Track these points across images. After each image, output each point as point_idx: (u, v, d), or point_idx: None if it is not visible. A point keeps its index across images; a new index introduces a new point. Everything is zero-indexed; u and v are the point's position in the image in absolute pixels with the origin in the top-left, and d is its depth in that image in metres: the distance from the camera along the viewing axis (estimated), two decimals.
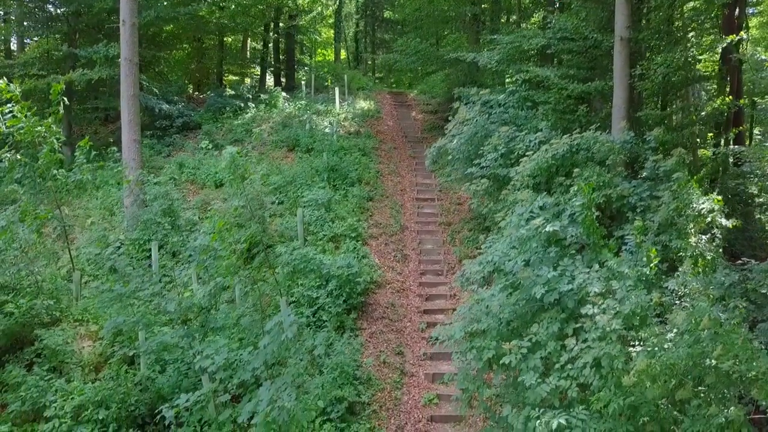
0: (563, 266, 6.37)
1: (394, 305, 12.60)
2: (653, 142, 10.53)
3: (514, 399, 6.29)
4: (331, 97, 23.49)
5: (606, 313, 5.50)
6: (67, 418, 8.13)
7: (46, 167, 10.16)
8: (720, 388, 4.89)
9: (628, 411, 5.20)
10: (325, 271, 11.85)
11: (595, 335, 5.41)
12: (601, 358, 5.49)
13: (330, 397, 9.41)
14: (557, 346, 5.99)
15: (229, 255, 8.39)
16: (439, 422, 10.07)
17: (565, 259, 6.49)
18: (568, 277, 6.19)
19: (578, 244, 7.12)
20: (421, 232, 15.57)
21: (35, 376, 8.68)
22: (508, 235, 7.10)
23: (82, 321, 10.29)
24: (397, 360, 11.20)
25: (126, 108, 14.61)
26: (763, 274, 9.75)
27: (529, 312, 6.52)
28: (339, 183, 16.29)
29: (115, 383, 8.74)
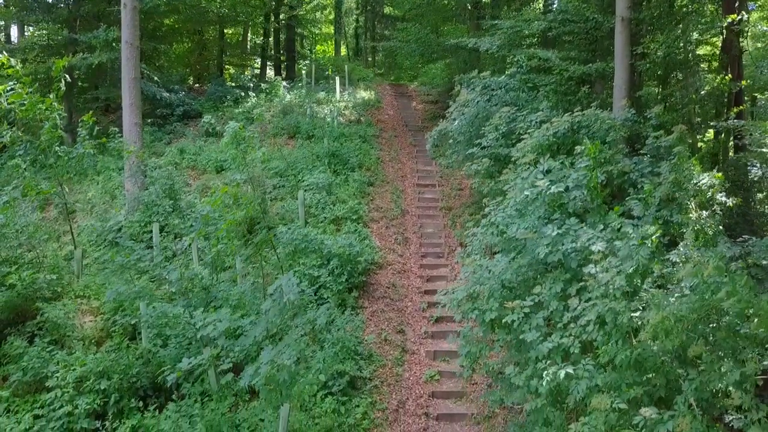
0: (567, 226, 6.38)
1: (396, 285, 12.62)
2: (654, 119, 10.53)
3: (516, 359, 6.29)
4: (332, 87, 23.50)
5: (609, 271, 5.51)
6: (69, 388, 8.14)
7: (48, 144, 10.16)
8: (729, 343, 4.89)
9: (634, 364, 5.20)
10: (326, 250, 11.86)
11: (599, 293, 5.42)
12: (605, 314, 5.49)
13: (331, 371, 9.42)
14: (560, 306, 6.01)
15: (230, 221, 8.38)
16: (440, 398, 10.08)
17: (569, 219, 6.49)
18: (572, 236, 6.20)
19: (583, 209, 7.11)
20: (422, 217, 15.59)
21: (37, 347, 8.69)
22: (512, 197, 7.10)
23: (83, 297, 10.29)
24: (399, 338, 11.21)
25: (127, 91, 14.62)
26: (764, 249, 9.79)
27: (532, 275, 6.52)
28: (340, 168, 16.30)
29: (116, 355, 8.74)
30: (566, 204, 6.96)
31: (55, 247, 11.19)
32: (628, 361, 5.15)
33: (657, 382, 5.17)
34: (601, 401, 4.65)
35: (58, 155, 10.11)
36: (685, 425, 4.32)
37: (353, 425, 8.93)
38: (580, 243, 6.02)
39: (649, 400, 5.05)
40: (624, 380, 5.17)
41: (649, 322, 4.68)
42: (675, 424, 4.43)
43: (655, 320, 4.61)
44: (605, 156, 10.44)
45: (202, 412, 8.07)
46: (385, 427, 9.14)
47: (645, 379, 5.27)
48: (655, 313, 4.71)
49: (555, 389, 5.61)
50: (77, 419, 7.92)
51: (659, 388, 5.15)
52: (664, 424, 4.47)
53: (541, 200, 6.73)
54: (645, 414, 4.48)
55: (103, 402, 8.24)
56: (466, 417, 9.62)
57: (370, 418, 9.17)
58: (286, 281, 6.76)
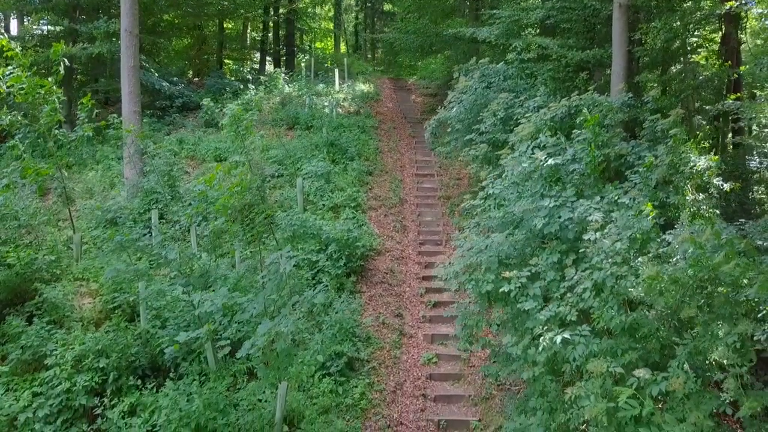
0: (564, 198, 6.40)
1: (394, 271, 12.65)
2: (651, 102, 10.56)
3: (513, 331, 6.31)
4: (331, 79, 23.53)
5: (608, 238, 5.54)
6: (68, 366, 8.16)
7: (47, 128, 10.18)
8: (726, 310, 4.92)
9: (629, 330, 5.23)
10: (324, 236, 11.90)
11: (598, 259, 5.44)
12: (602, 283, 5.52)
13: (329, 352, 9.46)
14: (557, 276, 6.03)
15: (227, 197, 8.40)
16: (438, 380, 10.12)
17: (566, 191, 6.52)
18: (569, 208, 6.23)
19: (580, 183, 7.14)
20: (420, 205, 15.62)
21: (36, 326, 8.71)
22: (510, 169, 7.13)
23: (82, 279, 10.31)
24: (397, 321, 11.24)
25: (126, 79, 14.63)
26: (760, 230, 9.85)
27: (529, 249, 6.55)
28: (338, 157, 16.33)
29: (115, 335, 8.76)
30: (564, 178, 6.99)
31: (53, 230, 11.20)
32: (623, 326, 5.18)
33: (651, 347, 5.20)
34: (598, 366, 4.68)
35: (57, 138, 10.12)
36: (678, 385, 4.35)
37: (351, 405, 8.97)
38: (577, 214, 6.04)
39: (644, 364, 5.07)
40: (620, 346, 5.20)
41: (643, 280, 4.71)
42: (668, 384, 4.46)
43: (649, 274, 4.63)
44: (603, 139, 10.50)
45: (200, 390, 8.09)
46: (382, 408, 9.18)
47: (640, 345, 5.30)
48: (649, 269, 4.74)
49: (552, 358, 5.65)
50: (76, 396, 7.95)
51: (654, 353, 5.18)
52: (658, 384, 4.50)
53: (539, 174, 6.76)
54: (639, 375, 4.51)
55: (102, 380, 8.27)
56: (464, 398, 9.66)
57: (368, 398, 9.21)
58: (284, 254, 6.78)
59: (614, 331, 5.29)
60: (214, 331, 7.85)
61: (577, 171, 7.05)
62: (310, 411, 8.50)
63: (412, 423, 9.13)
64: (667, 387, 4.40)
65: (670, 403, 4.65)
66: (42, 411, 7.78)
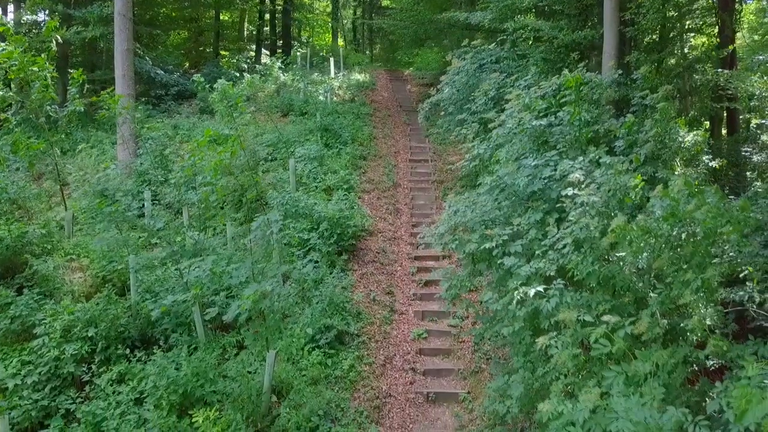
0: (547, 157, 6.45)
1: (385, 251, 12.68)
2: (641, 79, 10.59)
3: (496, 290, 6.35)
4: (327, 69, 23.56)
5: (585, 192, 5.57)
6: (57, 335, 8.19)
7: (39, 103, 10.21)
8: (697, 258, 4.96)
9: (603, 282, 5.27)
10: (316, 215, 11.93)
11: (575, 213, 5.48)
12: (582, 240, 5.56)
13: (319, 326, 9.48)
14: (538, 234, 6.07)
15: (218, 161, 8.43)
16: (428, 355, 10.15)
17: (549, 152, 6.56)
18: (551, 167, 6.27)
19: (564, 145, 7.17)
20: (414, 189, 15.65)
21: (25, 297, 8.74)
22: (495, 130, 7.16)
23: (73, 255, 10.34)
24: (387, 299, 11.27)
25: (120, 62, 14.67)
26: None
27: (514, 210, 6.58)
28: (332, 142, 16.35)
29: (105, 305, 8.79)
30: (549, 141, 7.03)
31: (45, 208, 11.22)
32: (598, 278, 5.21)
33: (627, 301, 5.24)
34: (569, 315, 4.71)
35: (49, 114, 10.14)
36: (644, 327, 4.39)
37: (340, 377, 9.00)
38: (559, 172, 6.08)
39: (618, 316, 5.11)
40: (595, 299, 5.24)
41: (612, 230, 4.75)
42: (634, 328, 4.49)
43: (618, 224, 4.67)
44: (592, 115, 10.55)
45: (188, 359, 8.13)
46: (371, 380, 9.20)
47: (616, 300, 5.34)
48: (618, 219, 4.78)
49: (532, 313, 5.68)
50: (64, 364, 7.98)
51: (629, 305, 5.21)
52: (624, 328, 4.53)
53: (524, 136, 6.79)
54: (607, 319, 4.54)
55: (91, 349, 8.30)
56: (453, 372, 9.70)
57: (357, 370, 9.23)
58: (271, 217, 6.82)
59: (589, 285, 5.33)
60: (201, 296, 7.86)
61: (563, 134, 7.08)
62: (298, 382, 8.53)
63: (401, 395, 9.17)
64: (634, 330, 4.42)
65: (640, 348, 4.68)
66: (30, 378, 7.81)
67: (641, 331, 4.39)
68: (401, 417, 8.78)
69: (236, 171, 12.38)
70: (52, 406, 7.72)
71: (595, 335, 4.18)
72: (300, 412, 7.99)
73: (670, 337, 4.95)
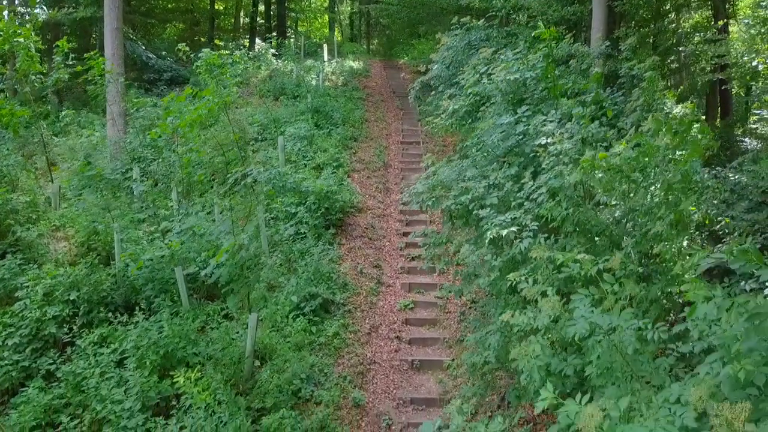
0: (520, 114, 6.43)
1: (374, 227, 12.66)
2: (628, 50, 10.58)
3: (473, 244, 6.33)
4: (320, 56, 23.53)
5: (560, 142, 5.56)
6: (38, 298, 8.15)
7: (24, 74, 10.17)
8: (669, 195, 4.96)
9: (579, 227, 5.26)
10: (304, 189, 11.91)
11: (548, 161, 5.46)
12: (557, 188, 5.55)
13: (304, 293, 9.46)
14: (514, 187, 6.05)
15: (195, 111, 8.38)
16: (414, 325, 10.14)
17: (522, 108, 6.55)
18: (523, 123, 6.26)
19: (539, 100, 7.16)
20: (404, 170, 15.64)
21: (8, 261, 8.71)
22: (468, 87, 7.15)
23: (59, 226, 10.31)
24: (375, 272, 11.26)
25: (109, 41, 14.61)
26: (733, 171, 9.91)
27: (489, 166, 6.57)
28: (323, 123, 16.33)
29: (88, 270, 8.76)
30: (525, 99, 7.01)
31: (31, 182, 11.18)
32: (573, 222, 5.20)
33: (602, 243, 5.22)
34: (540, 251, 4.68)
35: (34, 84, 10.11)
36: (616, 262, 4.36)
37: (324, 344, 8.99)
38: (532, 126, 6.06)
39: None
40: (569, 242, 5.22)
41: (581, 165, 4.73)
42: (607, 264, 4.48)
43: (585, 158, 4.66)
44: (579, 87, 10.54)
45: (170, 322, 8.10)
46: (356, 347, 9.19)
47: (591, 244, 5.33)
48: (586, 155, 4.77)
49: (508, 261, 5.66)
50: (45, 326, 7.94)
51: (604, 249, 5.20)
52: (597, 264, 4.51)
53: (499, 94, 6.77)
54: (580, 257, 4.52)
55: (73, 312, 8.27)
56: (439, 341, 9.69)
57: (342, 338, 9.22)
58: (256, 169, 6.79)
59: (566, 230, 5.31)
60: (182, 256, 7.83)
61: (536, 87, 7.07)
62: (282, 347, 8.51)
63: (386, 362, 9.16)
64: (606, 266, 4.40)
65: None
66: (11, 340, 7.78)
67: (615, 267, 4.36)
68: (385, 383, 8.77)
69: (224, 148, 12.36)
70: (33, 368, 7.68)
71: (565, 260, 4.13)
72: (282, 375, 7.97)
73: (644, 282, 4.93)
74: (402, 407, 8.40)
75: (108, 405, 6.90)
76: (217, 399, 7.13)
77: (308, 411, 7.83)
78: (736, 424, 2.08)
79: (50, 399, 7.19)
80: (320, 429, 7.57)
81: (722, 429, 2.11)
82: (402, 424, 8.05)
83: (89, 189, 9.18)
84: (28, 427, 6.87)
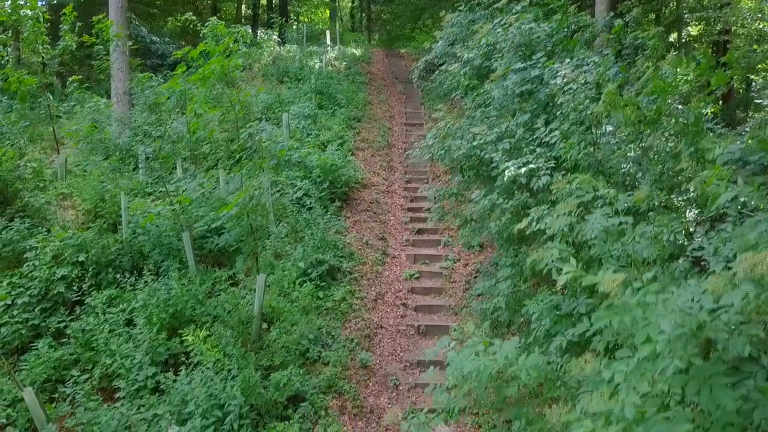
0: (535, 59, 6.47)
1: (379, 202, 12.70)
2: (632, 22, 10.63)
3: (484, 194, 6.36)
4: (323, 42, 23.56)
5: (575, 81, 5.59)
6: (47, 259, 8.18)
7: (31, 43, 10.20)
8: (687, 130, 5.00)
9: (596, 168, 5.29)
10: (309, 164, 11.95)
11: (564, 99, 5.49)
12: (571, 131, 5.58)
13: (311, 260, 9.49)
14: (526, 134, 6.08)
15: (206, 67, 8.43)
16: (419, 294, 10.18)
17: (537, 54, 6.58)
18: (539, 68, 6.29)
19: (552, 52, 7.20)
20: (408, 149, 15.64)
21: (17, 224, 8.74)
22: (482, 37, 7.18)
23: (66, 195, 10.34)
24: (380, 243, 11.29)
25: (114, 20, 14.62)
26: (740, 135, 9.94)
27: (501, 116, 6.60)
28: (326, 104, 16.36)
29: (95, 234, 8.80)
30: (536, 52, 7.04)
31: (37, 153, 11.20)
32: (589, 163, 5.23)
33: (615, 180, 5.25)
34: (561, 184, 4.69)
35: (41, 55, 10.13)
36: (642, 195, 4.38)
37: (331, 308, 9.02)
38: (547, 71, 6.09)
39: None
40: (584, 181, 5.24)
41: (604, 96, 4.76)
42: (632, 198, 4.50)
43: (609, 89, 4.69)
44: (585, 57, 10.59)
45: (179, 283, 8.13)
46: (363, 312, 9.22)
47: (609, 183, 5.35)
48: (610, 86, 4.80)
49: (520, 206, 5.69)
50: (54, 286, 7.98)
51: (620, 185, 5.23)
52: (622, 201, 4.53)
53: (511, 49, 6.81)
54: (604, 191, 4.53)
55: (81, 274, 8.30)
56: (444, 308, 9.72)
57: (349, 303, 9.25)
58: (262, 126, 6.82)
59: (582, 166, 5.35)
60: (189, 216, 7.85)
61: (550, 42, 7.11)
62: (290, 309, 8.53)
63: (392, 327, 9.19)
64: (632, 201, 4.42)
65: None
66: (21, 299, 7.81)
67: (640, 198, 4.36)
68: (392, 346, 8.80)
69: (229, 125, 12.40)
70: (43, 326, 7.72)
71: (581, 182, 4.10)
72: (290, 336, 8.00)
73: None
74: (409, 369, 8.44)
75: (118, 359, 6.94)
76: (226, 354, 7.17)
77: (316, 371, 7.87)
78: (760, 268, 2.11)
79: (60, 355, 7.24)
80: (328, 387, 7.61)
81: (746, 275, 2.15)
82: (409, 385, 8.08)
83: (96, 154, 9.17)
84: (39, 380, 6.91)
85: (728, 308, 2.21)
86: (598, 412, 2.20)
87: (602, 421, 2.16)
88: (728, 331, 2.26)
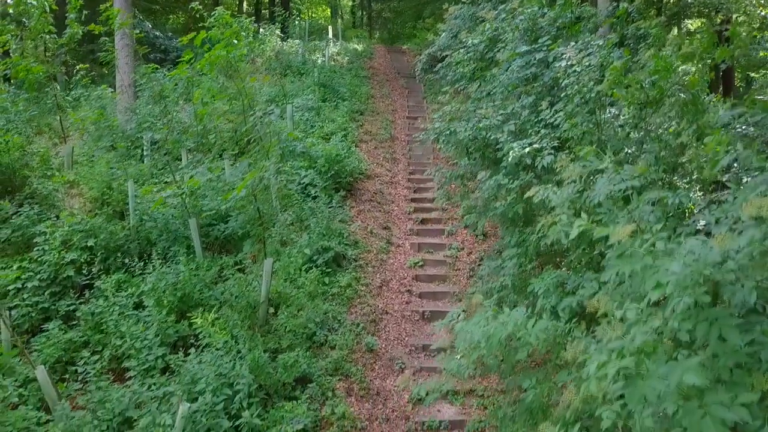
0: (540, 43, 6.56)
1: (383, 192, 12.78)
2: (635, 12, 10.69)
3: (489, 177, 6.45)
4: (325, 37, 23.63)
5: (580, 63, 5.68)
6: (56, 243, 8.27)
7: (37, 33, 10.27)
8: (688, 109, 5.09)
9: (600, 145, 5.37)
10: (313, 154, 12.03)
11: (568, 81, 5.58)
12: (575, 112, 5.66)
13: (317, 247, 9.58)
14: (531, 116, 6.17)
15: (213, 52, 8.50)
16: (423, 281, 10.27)
17: (542, 39, 6.68)
18: (544, 51, 6.38)
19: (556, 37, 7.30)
20: (411, 142, 15.73)
21: (26, 209, 8.82)
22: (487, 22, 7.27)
23: (73, 183, 10.42)
24: (384, 233, 11.38)
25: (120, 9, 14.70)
26: None
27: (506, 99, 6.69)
28: (330, 97, 16.44)
29: (104, 220, 8.88)
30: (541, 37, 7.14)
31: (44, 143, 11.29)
32: (592, 140, 5.31)
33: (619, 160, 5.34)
34: (564, 161, 4.79)
35: (47, 44, 10.22)
36: (643, 168, 4.48)
37: (337, 294, 9.11)
38: (552, 53, 6.18)
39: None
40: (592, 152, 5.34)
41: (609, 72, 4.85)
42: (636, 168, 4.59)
43: (614, 66, 4.77)
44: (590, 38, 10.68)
45: (187, 268, 8.21)
46: (368, 298, 9.32)
47: None
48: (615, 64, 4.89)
49: (526, 186, 5.77)
50: (63, 270, 8.06)
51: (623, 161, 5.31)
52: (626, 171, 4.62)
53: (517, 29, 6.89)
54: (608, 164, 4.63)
55: (90, 258, 8.38)
56: (448, 295, 9.82)
57: (354, 289, 9.34)
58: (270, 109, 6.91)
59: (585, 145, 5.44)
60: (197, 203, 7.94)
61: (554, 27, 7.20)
62: (296, 295, 8.62)
63: (397, 312, 9.28)
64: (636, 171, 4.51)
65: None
66: (31, 283, 7.90)
67: (641, 171, 4.46)
68: (397, 331, 8.90)
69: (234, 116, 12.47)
70: (52, 310, 7.80)
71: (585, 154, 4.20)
72: (297, 320, 8.09)
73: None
74: (414, 353, 8.53)
75: (128, 340, 7.02)
76: (235, 336, 7.25)
77: (323, 354, 7.96)
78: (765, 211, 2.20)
79: (70, 337, 7.32)
80: (335, 369, 7.71)
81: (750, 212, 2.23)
82: (415, 368, 8.18)
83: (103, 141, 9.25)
84: (50, 361, 6.99)
85: (735, 255, 2.30)
86: (611, 348, 2.29)
87: (615, 354, 2.25)
88: (735, 277, 2.35)
